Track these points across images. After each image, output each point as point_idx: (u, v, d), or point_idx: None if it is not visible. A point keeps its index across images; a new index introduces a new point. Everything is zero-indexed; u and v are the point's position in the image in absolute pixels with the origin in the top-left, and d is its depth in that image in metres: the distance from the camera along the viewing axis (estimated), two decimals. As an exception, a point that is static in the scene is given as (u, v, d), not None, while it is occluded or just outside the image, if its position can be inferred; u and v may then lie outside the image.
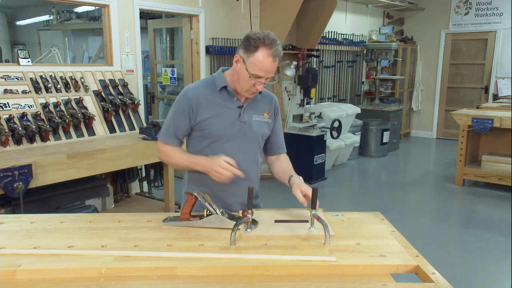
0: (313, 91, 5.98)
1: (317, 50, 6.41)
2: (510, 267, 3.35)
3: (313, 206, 1.61)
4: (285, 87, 5.88)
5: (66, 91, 3.62)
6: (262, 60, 1.67)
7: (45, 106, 3.41)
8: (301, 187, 1.73)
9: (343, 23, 7.31)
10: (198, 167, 1.78)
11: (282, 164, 1.96)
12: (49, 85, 3.52)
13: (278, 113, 1.98)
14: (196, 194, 1.65)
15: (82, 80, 3.74)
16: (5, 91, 3.30)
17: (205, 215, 1.66)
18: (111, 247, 1.47)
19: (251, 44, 1.68)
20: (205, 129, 1.82)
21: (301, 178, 1.82)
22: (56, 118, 3.36)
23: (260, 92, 1.83)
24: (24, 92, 3.38)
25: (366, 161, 6.94)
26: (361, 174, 6.40)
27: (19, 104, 3.31)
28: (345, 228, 1.68)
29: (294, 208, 1.87)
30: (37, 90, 3.46)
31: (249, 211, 1.58)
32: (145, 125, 3.89)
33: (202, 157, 1.79)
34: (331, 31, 6.94)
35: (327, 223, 1.57)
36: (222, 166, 1.70)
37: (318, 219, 1.57)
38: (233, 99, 1.83)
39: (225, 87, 1.83)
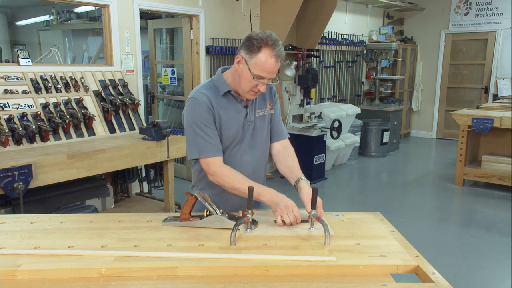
0: (313, 91, 5.98)
1: (317, 50, 6.41)
2: (510, 267, 3.35)
3: (313, 206, 1.61)
4: (285, 87, 5.88)
5: (66, 91, 3.62)
6: (265, 61, 1.65)
7: (45, 106, 3.41)
8: (309, 196, 1.68)
9: (343, 23, 7.31)
10: (263, 198, 1.70)
11: (288, 159, 1.92)
12: (49, 85, 3.52)
13: (277, 98, 1.96)
14: (196, 194, 1.65)
15: (82, 80, 3.74)
16: (5, 91, 3.30)
17: (205, 215, 1.66)
18: (111, 247, 1.47)
19: (253, 45, 1.65)
20: (221, 134, 1.79)
21: (308, 181, 1.80)
22: (56, 118, 3.36)
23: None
24: (24, 92, 3.38)
25: (366, 161, 6.94)
26: (361, 174, 6.40)
27: (19, 104, 3.31)
28: (345, 228, 1.68)
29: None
30: (37, 90, 3.46)
31: (249, 211, 1.58)
32: (145, 125, 3.89)
33: (270, 190, 1.71)
34: (331, 31, 6.94)
35: (327, 223, 1.57)
36: (293, 210, 1.64)
37: (318, 219, 1.57)
38: (237, 101, 1.81)
39: (228, 91, 1.79)
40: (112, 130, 3.76)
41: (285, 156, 1.94)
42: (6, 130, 3.07)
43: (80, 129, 3.54)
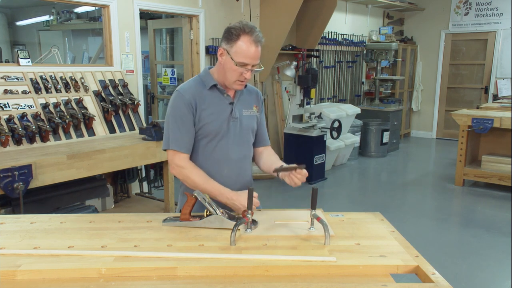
0: (313, 91, 5.97)
1: (317, 50, 6.41)
2: (510, 267, 3.35)
3: (313, 206, 1.62)
4: (285, 87, 5.88)
5: (66, 92, 3.62)
6: (246, 47, 1.71)
7: (45, 106, 3.41)
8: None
9: (343, 23, 7.31)
10: (222, 198, 1.76)
11: (272, 156, 1.99)
12: (49, 85, 3.52)
13: (263, 106, 2.04)
14: (196, 194, 1.65)
15: (82, 80, 3.74)
16: (5, 91, 3.30)
17: (205, 215, 1.66)
18: (111, 247, 1.47)
19: (232, 33, 1.72)
20: (203, 127, 1.82)
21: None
22: (56, 118, 3.36)
23: (245, 86, 1.88)
24: (24, 92, 3.38)
25: (366, 161, 6.94)
26: (361, 174, 6.40)
27: (19, 105, 3.30)
28: (345, 228, 1.68)
29: (294, 208, 1.88)
30: (37, 90, 3.46)
31: (249, 211, 1.59)
32: (145, 125, 3.89)
33: (229, 191, 1.77)
34: (331, 31, 6.94)
35: (327, 223, 1.57)
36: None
37: (318, 219, 1.57)
38: (223, 96, 1.86)
39: (214, 85, 1.84)
40: (112, 130, 3.76)
41: (269, 154, 2.01)
42: (6, 130, 3.07)
43: (80, 129, 3.54)
